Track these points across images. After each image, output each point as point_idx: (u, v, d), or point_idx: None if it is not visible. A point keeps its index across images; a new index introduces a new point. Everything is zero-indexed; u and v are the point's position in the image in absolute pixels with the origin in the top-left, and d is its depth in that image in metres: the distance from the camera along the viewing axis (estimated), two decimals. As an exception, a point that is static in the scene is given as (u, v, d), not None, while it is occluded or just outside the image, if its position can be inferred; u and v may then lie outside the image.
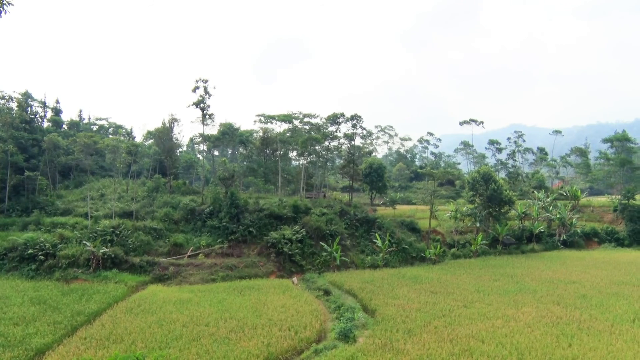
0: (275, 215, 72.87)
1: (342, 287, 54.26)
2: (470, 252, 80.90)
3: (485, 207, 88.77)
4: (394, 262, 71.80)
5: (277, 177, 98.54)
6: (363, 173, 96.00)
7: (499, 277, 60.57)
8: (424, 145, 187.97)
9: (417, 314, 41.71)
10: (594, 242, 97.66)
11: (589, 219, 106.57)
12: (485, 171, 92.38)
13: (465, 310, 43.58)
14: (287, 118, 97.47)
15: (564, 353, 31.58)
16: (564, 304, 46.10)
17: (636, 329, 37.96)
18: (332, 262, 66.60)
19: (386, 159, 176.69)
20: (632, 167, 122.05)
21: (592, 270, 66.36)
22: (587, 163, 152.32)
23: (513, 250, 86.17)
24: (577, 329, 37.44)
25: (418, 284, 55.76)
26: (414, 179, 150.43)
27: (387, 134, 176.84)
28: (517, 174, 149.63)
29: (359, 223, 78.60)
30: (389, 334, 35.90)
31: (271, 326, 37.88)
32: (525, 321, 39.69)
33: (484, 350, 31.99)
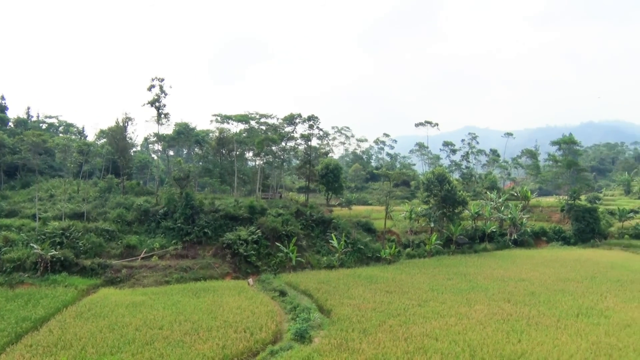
0: (231, 216, 72.33)
1: (298, 288, 54.30)
2: (425, 251, 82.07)
3: (440, 207, 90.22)
4: (350, 262, 72.27)
5: (233, 177, 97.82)
6: (319, 174, 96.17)
7: (453, 276, 61.72)
8: (380, 147, 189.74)
9: (373, 314, 42.11)
10: (543, 241, 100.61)
11: (538, 219, 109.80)
12: (440, 172, 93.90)
13: (420, 309, 44.25)
14: (244, 118, 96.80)
15: (513, 348, 32.47)
16: (514, 301, 47.41)
17: (580, 323, 39.56)
18: (288, 263, 66.57)
19: (342, 160, 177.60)
20: (578, 168, 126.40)
21: (540, 268, 68.38)
22: (536, 165, 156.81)
23: (466, 249, 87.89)
24: (526, 325, 38.59)
25: (373, 283, 56.28)
26: (369, 179, 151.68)
27: (344, 135, 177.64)
28: (471, 175, 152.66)
29: (315, 224, 78.79)
30: (344, 334, 36.12)
31: (226, 328, 37.57)
32: (477, 318, 40.62)
33: (438, 348, 32.57)
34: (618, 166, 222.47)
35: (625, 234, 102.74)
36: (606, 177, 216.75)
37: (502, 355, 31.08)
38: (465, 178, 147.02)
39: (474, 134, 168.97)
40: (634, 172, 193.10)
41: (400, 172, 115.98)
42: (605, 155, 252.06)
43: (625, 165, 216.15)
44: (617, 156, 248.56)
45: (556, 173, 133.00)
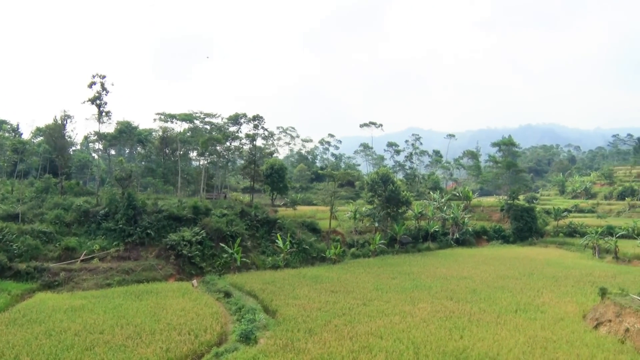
0: (175, 217, 71.01)
1: (243, 289, 53.85)
2: (369, 251, 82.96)
3: (384, 207, 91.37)
4: (295, 262, 72.28)
5: (176, 177, 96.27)
6: (264, 174, 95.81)
7: (397, 275, 62.63)
8: (325, 147, 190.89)
9: (318, 313, 42.22)
10: (484, 240, 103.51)
11: (479, 218, 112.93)
12: (384, 173, 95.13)
13: (365, 308, 44.67)
14: (188, 117, 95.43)
15: (456, 345, 33.23)
16: (456, 299, 48.55)
17: (518, 318, 40.99)
18: (233, 264, 65.97)
19: (287, 160, 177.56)
20: (517, 169, 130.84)
21: (481, 266, 70.32)
22: (478, 165, 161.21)
23: (410, 248, 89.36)
24: (467, 322, 39.58)
25: (319, 283, 56.45)
26: (314, 179, 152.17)
27: (289, 135, 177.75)
28: (414, 176, 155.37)
29: (260, 224, 78.34)
30: (290, 334, 36.07)
31: (170, 331, 36.86)
32: (421, 316, 41.35)
33: (383, 346, 32.96)
34: (553, 167, 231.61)
35: (560, 232, 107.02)
36: (543, 178, 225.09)
37: (445, 352, 31.74)
38: (408, 178, 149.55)
39: (417, 135, 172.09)
40: (567, 173, 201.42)
41: (345, 173, 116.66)
42: (541, 156, 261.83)
43: (560, 166, 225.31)
44: (553, 158, 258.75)
45: (496, 174, 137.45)
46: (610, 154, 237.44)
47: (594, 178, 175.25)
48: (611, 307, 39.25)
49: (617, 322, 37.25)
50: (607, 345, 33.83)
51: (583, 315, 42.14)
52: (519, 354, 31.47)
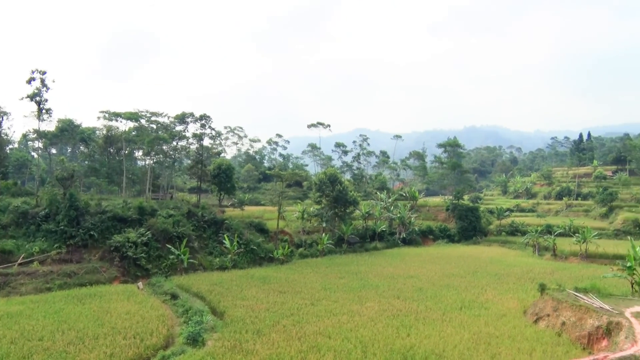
0: (119, 218, 69.23)
1: (190, 290, 53.03)
2: (317, 251, 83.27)
3: (332, 207, 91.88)
4: (243, 263, 71.79)
5: (121, 177, 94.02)
6: (211, 174, 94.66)
7: (345, 275, 63.07)
8: (273, 147, 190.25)
9: (266, 314, 42.04)
10: (430, 239, 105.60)
11: (426, 218, 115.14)
12: (332, 173, 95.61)
13: (313, 308, 44.77)
14: (134, 116, 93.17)
15: (403, 342, 33.69)
16: (403, 298, 49.25)
17: (463, 315, 41.92)
18: (180, 265, 64.93)
19: (235, 160, 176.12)
20: (462, 170, 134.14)
21: (427, 265, 71.65)
22: (424, 166, 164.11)
23: (357, 248, 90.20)
24: (414, 320, 40.19)
25: (267, 284, 56.24)
26: (262, 180, 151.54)
27: (237, 135, 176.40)
28: (362, 176, 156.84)
29: (207, 224, 77.40)
30: (238, 336, 35.74)
31: (114, 335, 35.90)
32: (368, 315, 41.73)
33: (331, 346, 33.08)
34: (496, 168, 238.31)
35: (503, 231, 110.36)
36: (486, 178, 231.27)
37: (392, 350, 32.12)
38: (356, 179, 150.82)
39: (365, 136, 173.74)
40: (510, 173, 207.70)
41: (293, 173, 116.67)
42: (485, 157, 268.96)
43: (502, 167, 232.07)
44: (496, 159, 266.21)
45: (442, 174, 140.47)
46: (549, 155, 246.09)
47: (534, 178, 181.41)
48: (549, 302, 40.71)
49: (554, 316, 38.67)
50: (546, 338, 35.05)
51: (524, 311, 43.52)
52: (464, 349, 32.19)
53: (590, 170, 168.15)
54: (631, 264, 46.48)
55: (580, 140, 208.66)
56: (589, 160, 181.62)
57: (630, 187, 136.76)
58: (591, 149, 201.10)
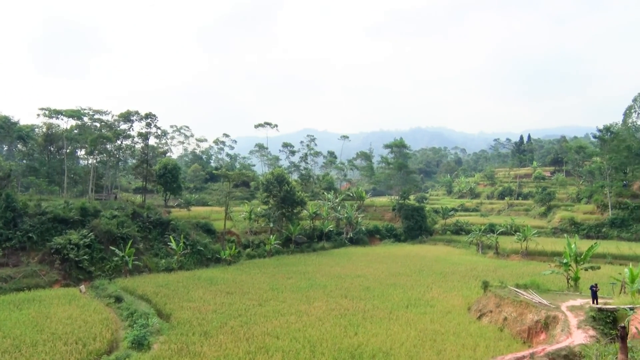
0: (60, 219, 66.93)
1: (135, 293, 51.86)
2: (265, 251, 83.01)
3: (279, 207, 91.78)
4: (189, 264, 70.77)
5: (62, 177, 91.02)
6: (157, 174, 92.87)
7: (292, 275, 63.11)
8: (219, 147, 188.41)
9: (213, 316, 41.61)
10: (377, 239, 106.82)
11: (372, 218, 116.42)
12: (279, 173, 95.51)
13: (261, 308, 44.61)
14: (76, 114, 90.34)
15: (350, 341, 33.97)
16: (350, 297, 49.69)
17: (409, 313, 42.73)
18: (124, 267, 63.41)
19: (181, 160, 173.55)
20: (408, 170, 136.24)
21: (374, 264, 72.46)
22: (370, 166, 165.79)
23: (305, 248, 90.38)
24: (362, 319, 40.62)
25: (214, 285, 55.68)
26: (209, 180, 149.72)
27: (183, 134, 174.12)
28: (309, 176, 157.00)
29: (153, 225, 75.87)
30: (185, 338, 35.22)
31: (55, 341, 34.60)
32: (316, 315, 41.89)
33: (279, 346, 33.03)
34: (442, 168, 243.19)
35: (448, 230, 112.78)
36: (432, 179, 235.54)
37: (340, 349, 32.34)
38: (303, 179, 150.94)
39: (312, 136, 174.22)
40: (454, 174, 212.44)
41: (240, 173, 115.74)
42: (431, 158, 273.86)
43: (447, 167, 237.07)
44: (441, 159, 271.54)
45: (388, 174, 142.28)
46: (492, 156, 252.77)
47: (478, 179, 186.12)
48: (492, 299, 41.96)
49: (497, 312, 39.90)
50: (489, 334, 36.14)
51: (468, 308, 44.67)
52: (410, 347, 32.73)
53: (530, 171, 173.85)
54: (567, 261, 48.75)
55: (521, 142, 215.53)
56: (529, 162, 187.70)
57: (567, 187, 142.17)
58: (531, 151, 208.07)
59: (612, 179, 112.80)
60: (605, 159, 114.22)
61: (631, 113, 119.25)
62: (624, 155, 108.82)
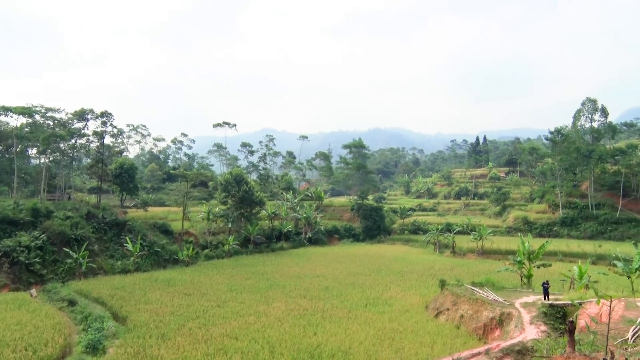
0: (10, 220, 64.74)
1: (90, 296, 50.61)
2: (223, 252, 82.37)
3: (238, 208, 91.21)
4: (146, 265, 69.56)
5: (12, 177, 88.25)
6: (113, 174, 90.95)
7: (251, 276, 62.79)
8: (177, 146, 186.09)
9: (171, 318, 40.99)
10: (335, 239, 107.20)
11: (331, 218, 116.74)
12: (238, 173, 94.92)
13: (219, 309, 44.19)
14: (27, 111, 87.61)
15: (310, 341, 33.97)
16: (309, 297, 49.72)
17: (368, 312, 43.05)
18: (79, 270, 61.82)
19: (138, 160, 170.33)
20: (366, 171, 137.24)
21: (333, 264, 72.71)
22: (329, 167, 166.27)
23: (264, 248, 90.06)
24: (321, 318, 40.69)
25: (171, 287, 54.89)
26: (167, 180, 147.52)
27: (140, 133, 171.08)
28: (268, 176, 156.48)
29: (108, 226, 74.24)
30: (141, 341, 34.56)
31: (2, 348, 33.10)
32: (275, 315, 41.76)
33: (238, 347, 32.77)
34: (400, 169, 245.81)
35: (406, 230, 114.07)
36: (390, 179, 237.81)
37: (300, 349, 32.30)
38: (262, 179, 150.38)
39: (271, 136, 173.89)
40: (412, 174, 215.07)
41: (198, 173, 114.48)
42: (389, 158, 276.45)
43: (405, 168, 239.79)
44: (399, 160, 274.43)
45: (347, 174, 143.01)
46: (449, 157, 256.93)
47: (435, 179, 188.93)
48: (449, 297, 42.64)
49: (454, 310, 40.60)
50: (446, 331, 36.73)
51: (425, 306, 45.26)
52: (369, 345, 32.93)
53: (485, 171, 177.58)
54: (520, 259, 50.05)
55: (477, 143, 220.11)
56: (485, 162, 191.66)
57: (521, 187, 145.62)
58: (487, 152, 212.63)
59: (562, 179, 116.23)
60: (556, 160, 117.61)
61: (580, 116, 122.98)
62: (573, 156, 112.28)
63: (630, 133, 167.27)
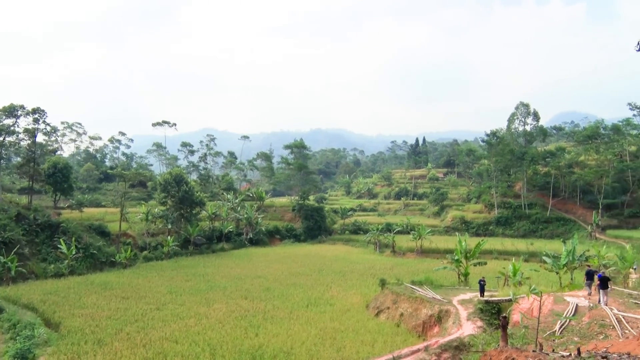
0: None
1: (19, 302, 48.25)
2: (162, 253, 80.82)
3: (177, 208, 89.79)
4: (82, 268, 67.20)
5: None
6: (46, 173, 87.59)
7: (191, 277, 61.83)
8: (115, 145, 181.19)
9: (108, 322, 39.75)
10: (277, 239, 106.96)
11: (272, 218, 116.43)
12: (178, 173, 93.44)
13: (159, 312, 43.25)
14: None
15: (251, 343, 33.70)
16: (251, 298, 49.36)
17: (309, 312, 43.09)
18: (7, 275, 58.98)
19: (73, 159, 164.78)
20: (308, 171, 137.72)
21: (274, 265, 72.51)
22: (271, 167, 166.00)
23: (204, 250, 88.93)
24: (262, 319, 40.44)
25: (108, 290, 53.29)
26: (104, 180, 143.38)
27: (75, 131, 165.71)
28: (209, 176, 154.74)
29: (41, 228, 71.30)
30: (76, 348, 33.31)
31: None
32: (216, 317, 41.21)
33: (178, 351, 32.13)
34: (341, 169, 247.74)
35: (347, 230, 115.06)
36: (331, 179, 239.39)
37: (241, 351, 31.98)
38: (203, 179, 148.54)
39: (212, 136, 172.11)
40: (353, 175, 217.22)
41: (137, 173, 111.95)
42: (330, 159, 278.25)
43: (346, 168, 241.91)
44: (340, 160, 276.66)
45: (288, 175, 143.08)
46: (389, 158, 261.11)
47: (376, 180, 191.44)
48: (389, 296, 43.26)
49: (394, 308, 41.22)
50: (386, 329, 37.21)
51: (366, 305, 45.73)
52: (311, 345, 32.96)
53: (425, 172, 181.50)
54: (458, 257, 51.51)
55: (417, 145, 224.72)
56: (424, 163, 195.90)
57: (458, 187, 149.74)
58: (426, 153, 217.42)
59: (497, 180, 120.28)
60: (492, 162, 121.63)
61: (514, 119, 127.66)
62: (507, 158, 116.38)
63: (559, 136, 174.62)
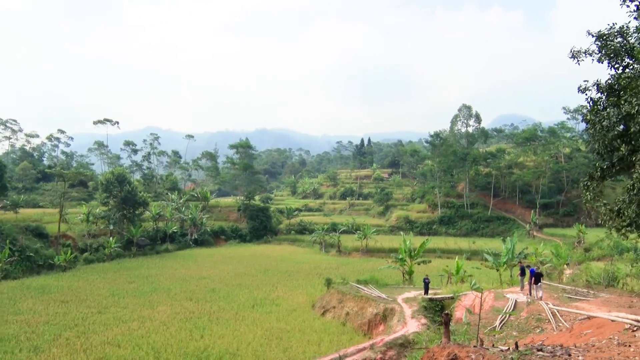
0: None
1: (-52, 308, 46.26)
2: (104, 255, 78.84)
3: (120, 208, 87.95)
4: (17, 272, 64.71)
5: None
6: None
7: (134, 279, 60.61)
8: (53, 144, 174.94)
9: (46, 328, 38.42)
10: (222, 239, 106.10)
11: (218, 218, 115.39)
12: (120, 172, 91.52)
13: (100, 316, 42.17)
14: None
15: (197, 345, 33.35)
16: (196, 299, 48.80)
17: (255, 313, 43.01)
18: (-63, 278, 56.40)
19: (8, 157, 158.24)
20: (253, 171, 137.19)
21: (220, 266, 71.95)
22: (216, 167, 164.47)
23: (148, 251, 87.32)
24: (208, 321, 40.06)
25: (46, 294, 51.53)
26: (41, 179, 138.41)
27: (10, 128, 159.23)
28: (152, 176, 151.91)
29: (-27, 230, 68.45)
30: (9, 356, 31.99)
31: None
32: (160, 320, 40.53)
33: (121, 355, 31.44)
34: (286, 169, 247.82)
35: (292, 230, 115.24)
36: (277, 179, 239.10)
37: (187, 353, 31.59)
38: (146, 179, 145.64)
39: (156, 135, 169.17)
40: (299, 175, 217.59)
41: (77, 172, 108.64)
42: (276, 159, 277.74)
43: (292, 169, 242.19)
44: (286, 160, 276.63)
45: (234, 175, 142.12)
46: (334, 158, 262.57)
47: (321, 180, 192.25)
48: (335, 295, 43.65)
49: (340, 307, 41.61)
50: (332, 328, 37.55)
51: (312, 305, 45.98)
52: (257, 346, 32.91)
53: (370, 172, 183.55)
54: (402, 256, 52.48)
55: (362, 145, 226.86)
56: (369, 164, 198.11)
57: (403, 187, 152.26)
58: (371, 153, 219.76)
59: (441, 180, 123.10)
60: (436, 162, 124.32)
61: (457, 121, 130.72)
62: (450, 159, 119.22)
63: (499, 138, 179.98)
